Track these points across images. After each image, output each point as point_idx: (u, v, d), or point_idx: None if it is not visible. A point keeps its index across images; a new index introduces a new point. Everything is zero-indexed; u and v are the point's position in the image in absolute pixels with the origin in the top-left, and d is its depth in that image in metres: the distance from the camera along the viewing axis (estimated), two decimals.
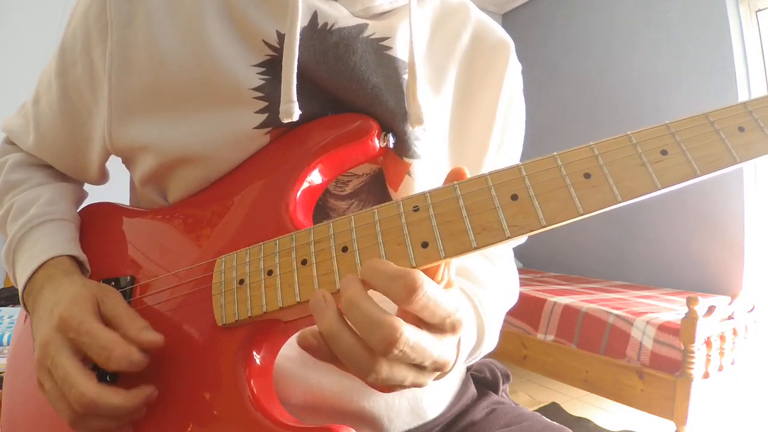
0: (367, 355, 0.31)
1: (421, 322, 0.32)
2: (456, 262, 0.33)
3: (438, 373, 0.36)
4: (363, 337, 0.31)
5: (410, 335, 0.30)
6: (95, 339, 0.38)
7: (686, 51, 2.55)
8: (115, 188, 0.65)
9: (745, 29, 2.40)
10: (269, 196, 0.44)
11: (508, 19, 3.70)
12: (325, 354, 0.33)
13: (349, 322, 0.32)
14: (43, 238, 0.50)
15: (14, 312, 1.62)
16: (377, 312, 0.31)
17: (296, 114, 0.44)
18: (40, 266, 0.47)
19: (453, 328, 0.33)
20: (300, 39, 0.45)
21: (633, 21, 2.82)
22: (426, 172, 0.49)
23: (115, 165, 0.57)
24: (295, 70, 0.44)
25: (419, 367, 0.33)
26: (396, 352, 0.30)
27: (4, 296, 1.77)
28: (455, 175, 0.35)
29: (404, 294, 0.30)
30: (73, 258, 0.49)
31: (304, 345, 0.33)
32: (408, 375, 0.33)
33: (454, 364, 0.40)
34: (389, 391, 0.35)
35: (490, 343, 0.51)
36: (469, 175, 0.35)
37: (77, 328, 0.39)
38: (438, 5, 0.55)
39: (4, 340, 1.38)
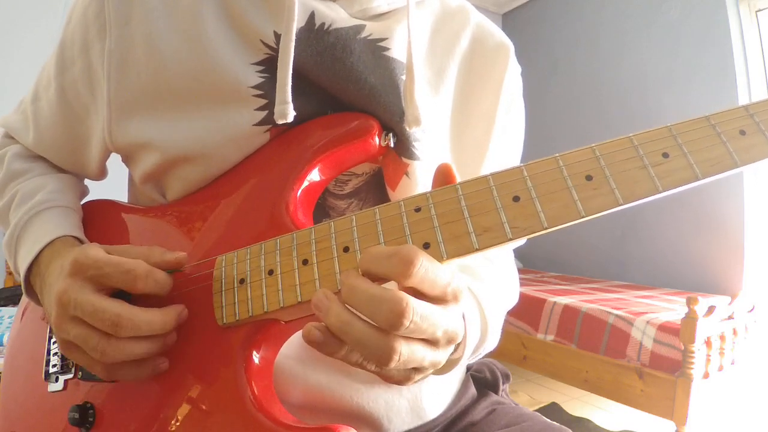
0: (381, 335, 0.31)
1: (424, 297, 0.32)
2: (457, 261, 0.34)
3: (451, 347, 0.35)
4: (371, 317, 0.31)
5: (417, 305, 0.30)
6: (118, 266, 0.38)
7: (686, 51, 2.54)
8: (114, 185, 0.65)
9: (745, 29, 2.39)
10: (270, 194, 0.44)
11: (508, 19, 3.69)
12: (333, 347, 0.32)
13: (355, 310, 0.31)
14: (51, 221, 0.50)
15: (14, 312, 1.61)
16: (378, 289, 0.31)
17: (290, 115, 0.44)
18: (48, 245, 0.47)
19: (455, 297, 0.33)
20: (297, 39, 0.45)
21: (633, 21, 2.82)
22: (424, 174, 0.48)
23: (113, 162, 0.56)
24: (290, 71, 0.44)
25: (433, 343, 0.33)
26: (406, 323, 0.30)
27: (4, 296, 1.77)
28: (444, 173, 0.36)
29: (402, 267, 0.30)
30: (80, 242, 0.49)
31: (309, 339, 0.32)
32: (426, 353, 0.33)
33: (463, 346, 0.40)
34: (409, 383, 0.35)
35: (493, 340, 0.51)
36: (456, 174, 0.35)
37: (95, 264, 0.38)
38: (437, 8, 0.55)
39: (4, 340, 1.38)
